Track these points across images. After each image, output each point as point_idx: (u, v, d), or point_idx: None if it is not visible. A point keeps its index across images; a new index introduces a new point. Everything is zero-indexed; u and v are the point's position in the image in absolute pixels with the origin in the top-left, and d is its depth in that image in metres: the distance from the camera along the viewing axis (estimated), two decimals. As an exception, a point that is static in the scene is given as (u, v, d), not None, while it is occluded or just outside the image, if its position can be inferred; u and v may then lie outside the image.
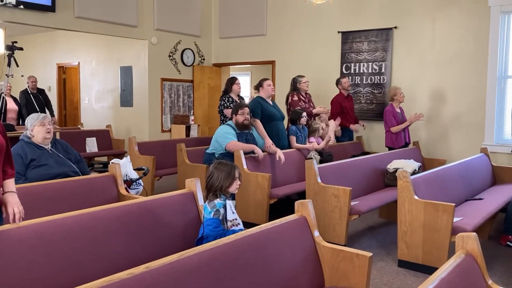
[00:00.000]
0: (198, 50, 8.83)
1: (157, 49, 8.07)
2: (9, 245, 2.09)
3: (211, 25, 9.00)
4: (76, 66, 9.56)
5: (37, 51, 10.04)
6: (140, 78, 8.19)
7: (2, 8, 5.91)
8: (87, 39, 8.96)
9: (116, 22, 7.26)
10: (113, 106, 8.83)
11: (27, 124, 3.57)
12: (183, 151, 5.47)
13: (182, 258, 1.86)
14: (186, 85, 8.75)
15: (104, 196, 3.44)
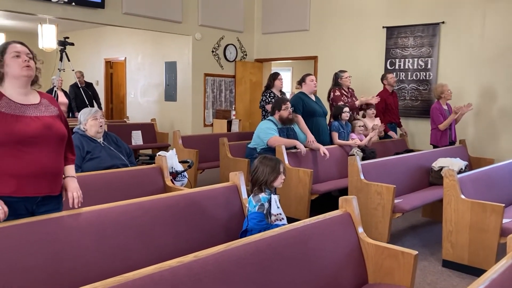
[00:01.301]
0: (241, 45, 8.90)
1: (200, 44, 8.19)
2: (66, 230, 2.20)
3: (254, 20, 9.05)
4: (122, 61, 9.85)
5: (86, 46, 10.40)
6: (184, 73, 8.35)
7: (56, 5, 6.16)
8: (133, 35, 9.21)
9: (162, 18, 7.42)
10: (158, 100, 9.05)
11: (81, 118, 3.73)
12: (226, 145, 5.55)
13: (229, 249, 1.91)
14: (228, 81, 8.84)
15: (151, 187, 3.55)
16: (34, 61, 2.27)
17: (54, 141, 2.25)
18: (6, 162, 2.11)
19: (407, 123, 7.06)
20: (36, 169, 2.16)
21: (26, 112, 2.19)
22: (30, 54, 2.26)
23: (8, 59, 2.18)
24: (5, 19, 9.43)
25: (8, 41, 2.28)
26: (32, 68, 2.23)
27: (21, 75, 2.19)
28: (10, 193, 2.12)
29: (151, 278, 1.62)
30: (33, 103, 2.25)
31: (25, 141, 2.13)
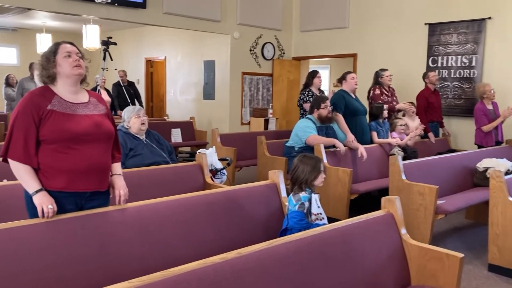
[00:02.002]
0: (279, 43, 8.89)
1: (239, 43, 8.24)
2: (112, 225, 2.27)
3: (292, 18, 9.01)
4: (162, 60, 10.03)
5: (128, 46, 10.65)
6: (222, 72, 8.42)
7: (99, 6, 6.34)
8: (173, 34, 9.36)
9: (201, 17, 7.51)
10: (196, 99, 9.16)
11: (124, 116, 3.82)
12: (263, 143, 5.56)
13: (271, 247, 1.91)
14: (266, 79, 8.85)
15: (191, 184, 3.60)
16: (83, 60, 2.35)
17: (103, 138, 2.32)
18: (58, 158, 2.19)
19: (449, 122, 6.86)
20: (85, 165, 2.23)
21: (77, 110, 2.27)
22: (80, 54, 2.33)
23: (60, 59, 2.26)
24: (51, 20, 9.79)
25: (58, 41, 2.35)
26: (82, 67, 2.31)
27: (73, 74, 2.26)
28: (61, 188, 2.20)
29: (195, 273, 1.64)
30: (83, 102, 2.33)
31: (75, 138, 2.21)
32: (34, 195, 2.15)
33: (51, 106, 2.20)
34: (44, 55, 2.29)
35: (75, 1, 6.13)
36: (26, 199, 2.24)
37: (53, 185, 2.19)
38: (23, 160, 2.15)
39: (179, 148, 7.56)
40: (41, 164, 2.19)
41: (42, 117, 2.17)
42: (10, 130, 2.18)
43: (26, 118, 2.16)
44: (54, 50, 2.28)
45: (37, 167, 2.19)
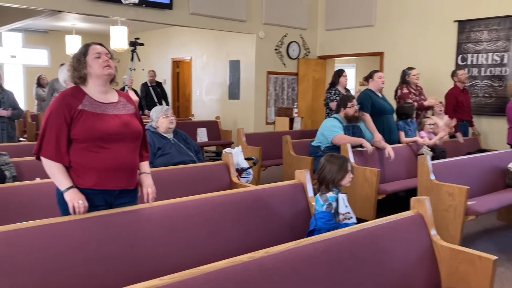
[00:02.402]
0: (304, 42, 8.85)
1: (264, 42, 8.24)
2: (140, 223, 2.31)
3: (317, 17, 8.96)
4: (188, 61, 10.12)
5: (154, 46, 10.78)
6: (247, 72, 8.44)
7: (127, 7, 6.45)
8: (199, 34, 9.44)
9: (226, 18, 7.54)
10: (221, 98, 9.21)
11: (152, 116, 3.88)
12: (289, 143, 5.55)
13: (299, 247, 1.91)
14: (291, 78, 8.83)
15: (218, 183, 3.63)
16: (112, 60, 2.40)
17: (131, 138, 2.36)
18: (88, 157, 2.24)
19: (480, 121, 6.70)
20: (114, 164, 2.28)
21: (106, 110, 2.31)
22: (109, 54, 2.38)
23: (90, 60, 2.31)
24: (81, 22, 10.00)
25: (88, 43, 2.40)
26: (112, 67, 2.35)
27: (103, 74, 2.31)
28: (92, 186, 2.25)
29: (224, 272, 1.66)
30: (112, 102, 2.37)
31: (105, 138, 2.25)
32: (66, 192, 2.20)
33: (82, 106, 2.25)
34: (75, 56, 2.35)
35: (103, 2, 6.25)
36: (57, 196, 2.30)
37: (83, 182, 2.24)
38: (55, 158, 2.21)
39: (205, 148, 7.61)
40: (72, 162, 2.24)
41: (73, 116, 2.23)
42: (43, 129, 2.24)
43: (58, 117, 2.21)
44: (84, 51, 2.33)
45: (68, 165, 2.24)
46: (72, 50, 9.84)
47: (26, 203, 2.81)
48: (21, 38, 11.71)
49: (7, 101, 5.08)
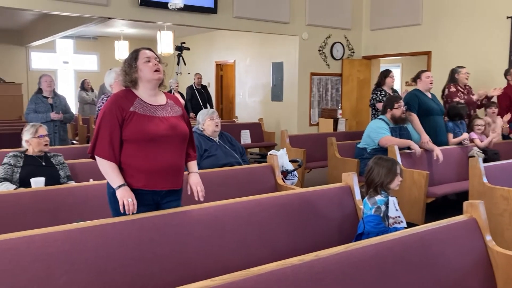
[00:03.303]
0: (348, 43, 8.74)
1: (307, 44, 8.21)
2: (190, 224, 2.36)
3: (362, 17, 8.83)
4: (232, 64, 10.23)
5: (199, 50, 10.96)
6: (291, 73, 8.43)
7: (173, 12, 6.59)
8: (242, 37, 9.52)
9: (270, 20, 7.56)
10: (264, 100, 9.25)
11: (199, 119, 3.96)
12: (334, 144, 5.49)
13: (349, 250, 1.89)
14: (335, 79, 8.74)
15: (263, 185, 3.65)
16: (160, 64, 2.46)
17: (178, 140, 2.42)
18: (138, 158, 2.31)
19: (535, 122, 6.38)
20: (162, 165, 2.34)
21: (156, 113, 2.38)
22: (158, 58, 2.45)
23: (140, 64, 2.38)
24: (128, 28, 10.32)
25: (137, 48, 2.48)
26: (161, 71, 2.42)
27: (153, 78, 2.38)
28: (141, 187, 2.33)
29: (274, 274, 1.66)
30: (161, 104, 2.44)
31: (154, 140, 2.32)
32: (117, 190, 2.28)
33: (133, 108, 2.33)
34: (126, 61, 2.43)
35: (150, 8, 6.42)
36: (108, 196, 2.39)
37: (133, 183, 2.32)
38: (108, 157, 2.29)
39: (248, 149, 7.66)
40: (123, 163, 2.32)
41: (125, 118, 2.30)
42: (97, 129, 2.33)
43: (111, 118, 2.30)
44: (135, 56, 2.41)
45: (120, 165, 2.32)
46: (120, 55, 10.18)
47: (80, 203, 2.94)
48: (72, 44, 12.23)
49: (59, 105, 5.31)
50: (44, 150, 3.42)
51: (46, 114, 5.12)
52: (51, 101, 5.26)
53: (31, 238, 1.97)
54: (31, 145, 3.36)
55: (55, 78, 11.24)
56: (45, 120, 4.96)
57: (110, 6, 6.14)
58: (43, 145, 3.39)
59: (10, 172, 3.20)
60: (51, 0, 5.74)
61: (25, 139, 3.38)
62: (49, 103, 5.24)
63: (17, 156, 3.30)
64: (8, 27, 10.87)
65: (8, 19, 9.78)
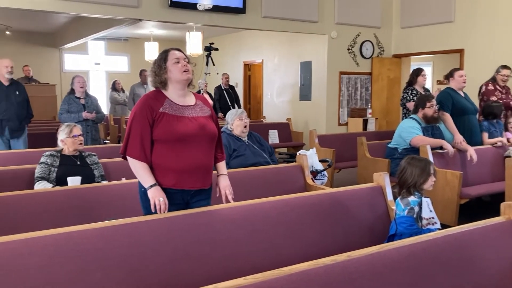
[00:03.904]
0: (378, 41, 8.63)
1: (336, 43, 8.14)
2: (220, 223, 2.37)
3: (392, 15, 8.69)
4: (260, 63, 10.25)
5: (227, 50, 11.02)
6: (319, 73, 8.37)
7: (202, 13, 6.65)
8: (270, 37, 9.51)
9: (298, 19, 7.53)
10: (292, 100, 9.22)
11: (228, 119, 3.98)
12: (364, 144, 5.42)
13: (382, 251, 1.86)
14: (364, 78, 8.64)
15: (292, 185, 3.63)
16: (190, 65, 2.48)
17: (207, 140, 2.43)
18: (168, 158, 2.34)
19: None
20: (192, 165, 2.36)
21: (185, 113, 2.40)
22: (187, 59, 2.46)
23: (170, 65, 2.40)
24: (158, 29, 10.47)
25: (167, 48, 2.50)
26: (190, 71, 2.44)
27: (182, 79, 2.40)
28: (171, 186, 2.36)
29: (306, 274, 1.66)
30: (190, 105, 2.46)
31: (183, 139, 2.34)
32: (149, 189, 2.31)
33: (163, 109, 2.35)
34: (156, 62, 2.45)
35: (180, 9, 6.49)
36: (140, 194, 2.43)
37: (164, 182, 2.34)
38: (140, 157, 2.33)
39: (276, 149, 7.65)
40: (154, 163, 2.35)
41: (155, 118, 2.33)
42: (128, 130, 2.37)
43: (142, 119, 2.33)
44: (165, 57, 2.43)
45: (151, 165, 2.35)
46: (150, 56, 10.32)
47: (113, 201, 3.00)
48: (104, 46, 12.50)
49: (91, 106, 5.43)
50: (79, 149, 3.50)
51: (79, 114, 5.25)
52: (83, 102, 5.38)
53: (69, 235, 2.02)
54: (66, 144, 3.45)
55: (87, 79, 11.51)
56: (78, 120, 5.07)
57: (140, 7, 6.24)
58: (77, 145, 3.47)
59: (47, 171, 3.29)
60: (84, 3, 5.88)
61: (60, 139, 3.47)
62: (81, 103, 5.36)
63: (54, 155, 3.39)
64: (42, 30, 11.20)
65: (43, 22, 10.08)
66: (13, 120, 5.14)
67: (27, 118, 5.38)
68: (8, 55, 10.73)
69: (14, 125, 5.16)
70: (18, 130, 5.22)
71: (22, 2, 5.55)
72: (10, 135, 5.17)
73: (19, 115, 5.21)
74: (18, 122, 5.20)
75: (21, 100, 5.22)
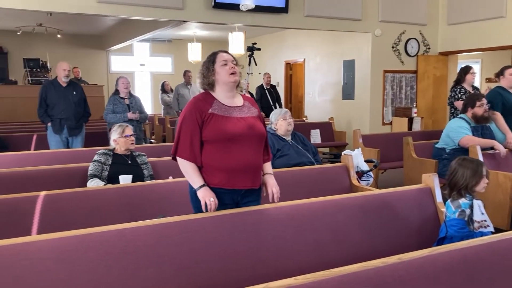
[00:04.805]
0: (423, 39, 8.41)
1: (380, 41, 8.00)
2: (267, 222, 2.39)
3: (439, 11, 8.45)
4: (301, 62, 10.21)
5: (269, 50, 11.05)
6: (362, 71, 8.26)
7: (244, 13, 6.70)
8: (312, 36, 9.47)
9: (341, 17, 7.46)
10: (335, 99, 9.13)
11: (272, 119, 3.99)
12: (410, 144, 5.31)
13: (433, 254, 1.83)
14: (409, 76, 8.45)
15: (337, 186, 3.61)
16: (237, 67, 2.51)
17: (255, 139, 2.46)
18: (217, 158, 2.38)
19: None
20: (241, 164, 2.39)
21: (233, 113, 2.43)
22: (234, 61, 2.49)
23: (218, 67, 2.44)
24: (201, 30, 10.64)
25: (215, 51, 2.54)
26: (238, 74, 2.47)
27: (229, 81, 2.43)
28: (221, 185, 2.39)
29: (356, 275, 1.65)
30: (238, 105, 2.49)
31: (232, 139, 2.37)
32: (198, 190, 2.36)
33: (212, 110, 2.39)
34: (204, 64, 2.50)
35: (223, 10, 6.57)
36: (190, 194, 2.47)
37: (213, 181, 2.38)
38: (189, 158, 2.38)
39: (317, 149, 7.60)
40: (204, 162, 2.39)
41: (204, 119, 2.38)
42: (178, 132, 2.43)
43: (191, 121, 2.38)
44: (213, 59, 2.47)
45: (200, 165, 2.40)
46: (193, 57, 10.51)
47: (161, 199, 3.07)
48: (148, 47, 12.82)
49: (135, 106, 5.59)
50: (130, 149, 3.62)
51: (124, 114, 5.41)
52: (128, 102, 5.55)
53: (121, 232, 2.10)
54: (118, 144, 3.58)
55: (132, 80, 11.86)
56: (123, 120, 5.22)
57: (185, 9, 6.36)
58: (129, 144, 3.59)
59: (100, 169, 3.42)
60: (131, 6, 6.05)
61: (113, 138, 3.60)
62: (126, 103, 5.52)
63: (107, 154, 3.52)
64: (90, 32, 11.62)
65: (91, 25, 10.46)
66: (70, 119, 5.42)
67: (85, 117, 5.65)
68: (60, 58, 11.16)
69: (71, 124, 5.44)
70: (75, 128, 5.49)
71: (73, 7, 5.78)
72: (68, 133, 5.44)
73: (76, 114, 5.48)
74: (76, 121, 5.47)
75: (78, 99, 5.49)
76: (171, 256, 2.13)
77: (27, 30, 9.99)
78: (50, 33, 10.34)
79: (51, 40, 10.95)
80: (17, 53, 10.99)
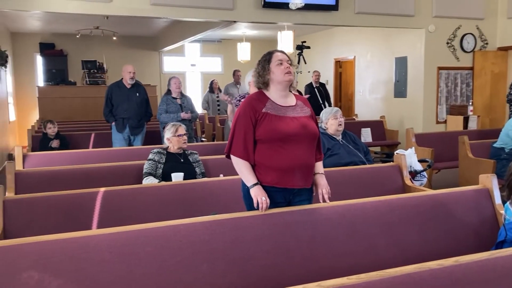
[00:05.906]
0: (480, 34, 8.06)
1: (434, 36, 7.74)
2: (319, 221, 2.40)
3: (498, 4, 8.06)
4: (351, 60, 10.06)
5: (318, 48, 10.96)
6: (415, 68, 8.02)
7: (294, 12, 6.69)
8: (362, 33, 9.30)
9: (393, 14, 7.28)
10: (386, 97, 8.93)
11: (322, 117, 3.98)
12: (466, 144, 5.12)
13: (493, 258, 1.77)
14: (465, 73, 8.12)
15: (389, 186, 3.54)
16: (291, 67, 2.52)
17: (308, 139, 2.47)
18: (270, 156, 2.41)
19: None
20: (293, 163, 2.41)
21: (286, 113, 2.45)
22: (289, 61, 2.51)
23: (273, 67, 2.47)
24: (250, 30, 10.71)
25: (271, 50, 2.57)
26: (292, 73, 2.48)
27: (284, 80, 2.45)
28: (273, 184, 2.42)
29: (411, 277, 1.63)
30: (291, 105, 2.51)
31: (285, 138, 2.40)
32: (251, 188, 2.40)
33: (265, 109, 2.43)
34: (260, 63, 2.53)
35: (272, 9, 6.59)
36: (243, 192, 2.52)
37: (266, 180, 2.41)
38: (243, 156, 2.42)
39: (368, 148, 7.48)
40: (256, 161, 2.43)
41: (258, 119, 2.41)
42: (232, 131, 2.48)
43: (245, 120, 2.42)
44: (268, 59, 2.50)
45: (253, 163, 2.44)
46: (242, 56, 10.59)
47: (213, 196, 3.15)
48: (199, 48, 13.06)
49: (187, 105, 5.74)
50: (183, 147, 3.72)
51: (177, 114, 5.56)
52: (180, 102, 5.70)
53: (176, 228, 2.17)
54: (171, 142, 3.69)
55: (183, 80, 12.14)
56: (176, 120, 5.37)
57: (235, 10, 6.44)
58: (182, 143, 3.70)
59: (154, 167, 3.55)
60: (183, 7, 6.20)
61: (166, 137, 3.72)
62: (178, 103, 5.68)
63: (161, 152, 3.65)
64: (144, 34, 11.99)
65: (145, 27, 10.79)
66: (132, 119, 5.73)
67: (146, 117, 5.93)
68: (115, 59, 11.63)
69: (133, 123, 5.75)
70: (137, 127, 5.79)
71: (129, 10, 5.99)
72: (130, 132, 5.72)
73: (138, 114, 5.78)
74: (137, 120, 5.77)
75: (140, 100, 5.78)
76: (224, 253, 2.18)
77: (85, 33, 10.45)
78: (106, 36, 10.76)
79: (107, 42, 11.40)
80: (76, 55, 11.52)
